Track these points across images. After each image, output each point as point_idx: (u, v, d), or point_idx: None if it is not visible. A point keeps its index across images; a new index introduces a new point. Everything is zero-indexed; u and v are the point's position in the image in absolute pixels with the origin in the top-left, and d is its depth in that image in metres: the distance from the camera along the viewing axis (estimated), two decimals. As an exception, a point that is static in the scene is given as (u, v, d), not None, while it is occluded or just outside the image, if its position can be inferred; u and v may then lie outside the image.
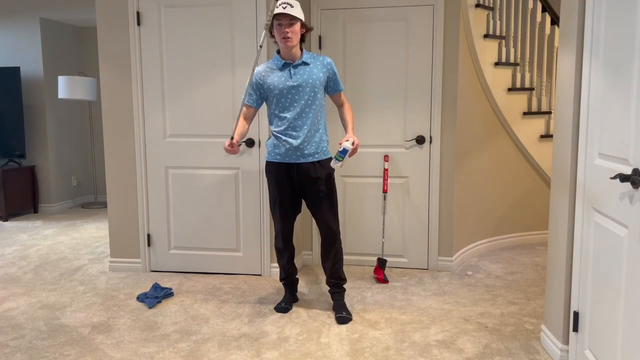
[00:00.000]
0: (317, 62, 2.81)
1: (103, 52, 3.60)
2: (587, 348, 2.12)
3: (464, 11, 3.64)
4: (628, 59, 1.75)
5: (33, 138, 5.89)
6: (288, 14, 2.65)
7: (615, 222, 1.85)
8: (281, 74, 2.77)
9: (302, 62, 2.78)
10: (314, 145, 2.81)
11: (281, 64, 2.78)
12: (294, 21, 2.69)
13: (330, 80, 2.86)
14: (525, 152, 4.33)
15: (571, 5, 2.24)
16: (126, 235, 3.72)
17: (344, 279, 2.97)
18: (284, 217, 2.90)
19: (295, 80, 2.76)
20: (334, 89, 2.89)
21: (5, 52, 5.81)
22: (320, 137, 2.84)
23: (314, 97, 2.78)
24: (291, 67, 2.77)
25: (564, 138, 2.34)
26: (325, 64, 2.83)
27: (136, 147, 3.63)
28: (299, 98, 2.76)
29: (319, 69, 2.80)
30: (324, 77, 2.81)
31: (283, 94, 2.77)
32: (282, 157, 2.82)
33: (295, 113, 2.77)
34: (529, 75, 4.36)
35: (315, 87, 2.78)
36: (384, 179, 3.66)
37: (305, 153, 2.80)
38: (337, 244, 2.89)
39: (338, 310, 2.89)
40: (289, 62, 2.78)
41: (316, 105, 2.79)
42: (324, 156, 2.85)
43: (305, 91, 2.76)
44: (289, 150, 2.79)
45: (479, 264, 3.90)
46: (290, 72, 2.77)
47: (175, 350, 2.52)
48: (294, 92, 2.76)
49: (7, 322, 2.86)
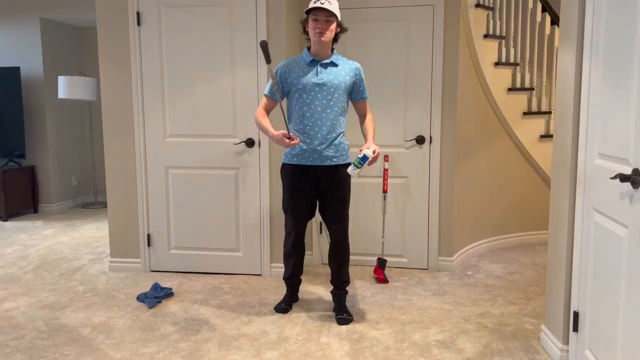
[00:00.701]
0: (346, 65, 2.76)
1: (103, 52, 3.60)
2: (587, 348, 2.12)
3: (464, 11, 3.64)
4: (628, 59, 1.75)
5: (33, 138, 5.89)
6: (326, 9, 2.57)
7: (615, 222, 1.85)
8: (307, 70, 2.72)
9: (331, 62, 2.73)
10: (332, 148, 2.75)
11: (309, 59, 2.73)
12: (331, 18, 2.62)
13: (356, 86, 2.79)
14: (525, 152, 4.33)
15: (571, 6, 2.24)
16: (126, 235, 3.72)
17: (347, 281, 2.96)
18: (298, 220, 2.85)
19: (321, 78, 2.70)
20: (359, 95, 2.83)
21: (5, 52, 5.80)
22: (340, 140, 2.78)
23: (336, 99, 2.72)
24: (319, 65, 2.72)
25: (564, 138, 2.34)
26: (354, 68, 2.77)
27: (136, 147, 3.63)
28: (322, 97, 2.71)
29: (346, 72, 2.74)
30: (350, 81, 2.76)
31: (306, 90, 2.71)
32: (299, 159, 2.76)
33: (315, 112, 2.71)
34: (529, 75, 4.36)
35: (340, 89, 2.72)
36: (384, 179, 3.66)
37: (323, 155, 2.74)
38: (345, 247, 2.88)
39: (339, 311, 2.89)
40: (318, 59, 2.72)
41: (338, 107, 2.73)
42: (342, 160, 2.79)
43: (329, 91, 2.71)
44: (306, 151, 2.74)
45: (479, 264, 3.90)
46: (317, 70, 2.71)
47: (175, 350, 2.52)
48: (317, 90, 2.70)
49: (7, 322, 2.86)
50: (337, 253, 2.88)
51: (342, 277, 2.93)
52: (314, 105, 2.71)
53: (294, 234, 2.89)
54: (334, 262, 2.90)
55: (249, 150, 3.52)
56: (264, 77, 3.44)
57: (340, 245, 2.87)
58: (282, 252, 3.34)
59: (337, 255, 2.89)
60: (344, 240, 2.86)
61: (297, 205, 2.82)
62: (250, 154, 3.52)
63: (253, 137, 3.50)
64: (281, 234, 3.54)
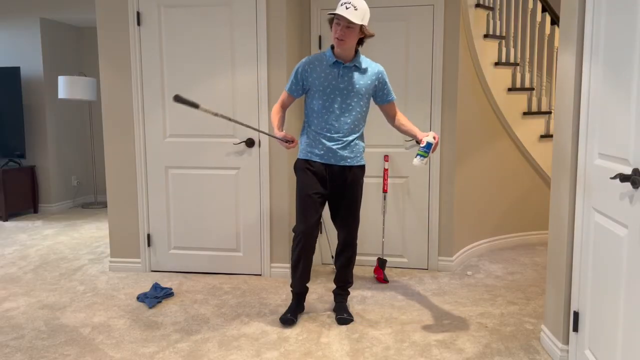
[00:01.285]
0: (369, 69, 2.72)
1: (103, 52, 3.60)
2: (587, 348, 2.12)
3: (464, 11, 3.64)
4: (628, 58, 1.75)
5: (33, 138, 5.89)
6: (347, 18, 2.51)
7: (615, 222, 1.85)
8: (329, 71, 2.67)
9: (354, 65, 2.69)
10: (348, 149, 2.73)
11: (332, 60, 2.67)
12: (353, 25, 2.55)
13: (379, 90, 2.75)
14: (525, 152, 4.33)
15: (571, 5, 2.24)
16: (126, 235, 3.72)
17: (350, 282, 2.96)
18: (308, 218, 2.72)
19: (342, 81, 2.67)
20: (383, 99, 2.78)
21: (5, 52, 5.81)
22: (358, 143, 2.76)
23: (357, 103, 2.69)
24: (342, 68, 2.67)
25: (564, 138, 2.34)
26: (376, 72, 2.72)
27: (136, 147, 3.63)
28: (342, 100, 2.67)
29: (368, 76, 2.71)
30: (371, 85, 2.71)
31: (327, 92, 2.67)
32: (313, 155, 2.74)
33: (335, 114, 2.68)
34: (529, 75, 4.36)
35: (361, 93, 2.69)
36: (384, 179, 3.66)
37: (338, 155, 2.72)
38: (352, 248, 2.87)
39: (339, 311, 2.88)
40: (341, 61, 2.67)
41: (357, 111, 2.70)
42: (356, 162, 2.76)
43: (350, 95, 2.67)
44: (322, 150, 2.71)
45: (479, 264, 3.90)
46: (339, 72, 2.67)
47: (175, 350, 2.52)
48: (337, 93, 2.67)
49: (7, 322, 2.86)
50: (344, 254, 2.88)
51: (346, 277, 2.93)
52: (332, 108, 2.68)
53: (303, 235, 2.73)
54: (340, 263, 2.90)
55: (249, 150, 3.52)
56: (264, 77, 3.44)
57: (348, 247, 2.86)
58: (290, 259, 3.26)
59: (344, 257, 2.89)
60: (352, 242, 2.86)
61: (309, 203, 2.72)
62: (250, 154, 3.52)
63: (253, 137, 3.50)
64: (281, 234, 3.55)
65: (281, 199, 3.52)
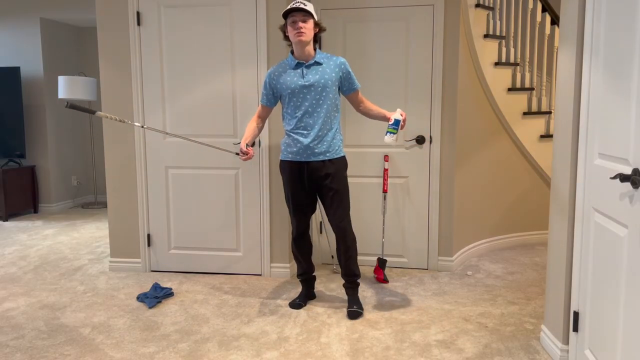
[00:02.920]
0: (331, 62, 2.84)
1: (103, 52, 3.60)
2: (587, 348, 2.12)
3: (464, 11, 3.64)
4: (628, 59, 1.75)
5: (33, 138, 5.89)
6: (302, 9, 2.69)
7: (615, 222, 1.85)
8: (294, 74, 2.81)
9: (315, 62, 2.81)
10: (325, 144, 2.83)
11: (294, 63, 2.82)
12: (307, 17, 2.72)
13: (344, 80, 2.87)
14: (525, 152, 4.33)
15: (571, 5, 2.24)
16: (126, 235, 3.72)
17: (357, 274, 3.00)
18: (297, 214, 2.95)
19: (307, 79, 2.79)
20: (349, 88, 2.90)
21: (5, 52, 5.81)
22: (332, 136, 2.86)
23: (325, 97, 2.80)
24: (304, 67, 2.81)
25: (564, 138, 2.34)
26: (339, 63, 2.84)
27: (136, 147, 3.63)
28: (311, 97, 2.79)
29: (331, 69, 2.82)
30: (336, 76, 2.83)
31: (295, 93, 2.80)
32: (293, 155, 2.86)
33: (306, 112, 2.80)
34: (529, 75, 4.36)
35: (327, 86, 2.80)
36: (384, 179, 3.66)
37: (315, 152, 2.83)
38: (348, 240, 2.92)
39: (350, 304, 2.96)
40: (302, 61, 2.81)
41: (328, 104, 2.81)
42: (335, 155, 2.87)
43: (317, 90, 2.79)
44: (300, 148, 2.83)
45: (479, 264, 3.90)
46: (303, 72, 2.80)
47: (175, 350, 2.52)
48: (305, 92, 2.79)
49: (7, 322, 2.86)
50: (341, 246, 2.93)
51: (352, 270, 2.97)
52: (304, 107, 2.81)
53: (296, 231, 2.98)
54: (341, 257, 2.97)
55: (249, 150, 3.52)
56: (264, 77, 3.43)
57: (343, 237, 2.90)
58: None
59: (342, 249, 2.93)
60: (345, 232, 2.90)
61: (296, 200, 2.92)
62: (250, 154, 3.52)
63: (253, 137, 3.50)
64: (281, 234, 3.55)
65: (281, 199, 3.52)
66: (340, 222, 2.89)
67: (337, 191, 2.87)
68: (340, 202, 2.88)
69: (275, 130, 3.47)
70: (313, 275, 3.13)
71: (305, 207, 2.94)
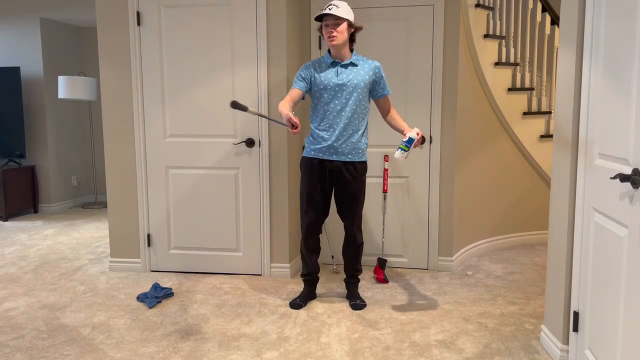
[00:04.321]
0: (366, 64, 2.88)
1: (103, 52, 3.60)
2: (587, 348, 2.12)
3: (464, 11, 3.64)
4: (628, 59, 1.75)
5: (33, 138, 5.89)
6: (332, 14, 2.72)
7: (615, 222, 1.85)
8: (329, 71, 2.86)
9: (351, 63, 2.86)
10: (349, 145, 2.86)
11: (330, 61, 2.87)
12: (340, 21, 2.75)
13: (376, 84, 2.90)
14: (525, 152, 4.33)
15: (571, 5, 2.24)
16: (126, 235, 3.72)
17: (359, 270, 3.11)
18: (310, 213, 2.96)
19: (341, 79, 2.83)
20: (380, 93, 2.93)
21: (5, 52, 5.81)
22: (358, 139, 2.88)
23: (355, 98, 2.83)
24: (340, 66, 2.85)
25: (564, 138, 2.34)
26: (374, 67, 2.88)
27: (136, 147, 3.63)
28: (341, 96, 2.83)
29: (365, 72, 2.86)
30: (369, 79, 2.87)
31: (327, 90, 2.84)
32: (316, 152, 2.89)
33: (334, 111, 2.84)
34: (529, 75, 4.36)
35: (359, 88, 2.84)
36: (384, 179, 3.66)
37: (339, 151, 2.86)
38: (357, 241, 3.02)
39: (352, 298, 3.06)
40: (338, 61, 2.86)
41: (357, 106, 2.84)
42: (357, 158, 2.90)
43: (349, 91, 2.83)
44: (324, 146, 2.86)
45: (479, 264, 3.90)
46: (338, 71, 2.84)
47: (175, 350, 2.52)
48: (337, 90, 2.83)
49: (7, 322, 2.86)
50: (350, 246, 3.03)
51: (355, 267, 3.09)
52: (333, 105, 2.84)
53: (307, 230, 3.00)
54: (347, 255, 3.06)
55: (249, 150, 3.52)
56: (264, 77, 3.44)
57: (353, 239, 3.01)
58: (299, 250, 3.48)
59: (351, 249, 3.04)
60: (355, 234, 3.00)
61: (311, 198, 2.93)
62: (250, 154, 3.52)
63: (253, 137, 3.50)
64: (281, 234, 3.55)
65: (281, 199, 3.52)
66: (352, 225, 2.98)
67: (354, 195, 2.91)
68: (356, 206, 2.94)
69: (275, 130, 3.47)
70: (317, 276, 3.15)
71: (318, 206, 2.96)
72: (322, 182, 2.91)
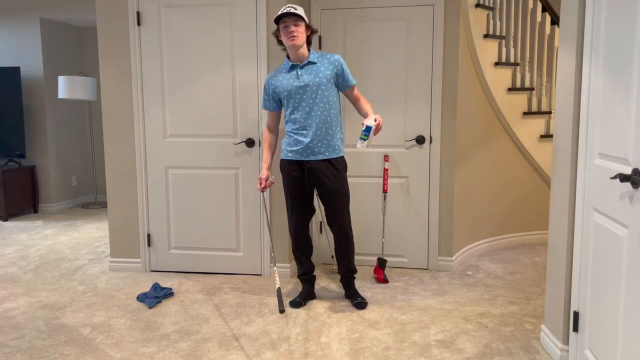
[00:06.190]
0: (325, 60, 2.88)
1: (103, 52, 3.60)
2: (587, 348, 2.12)
3: (464, 11, 3.64)
4: (628, 58, 1.75)
5: (33, 138, 5.89)
6: (293, 14, 2.74)
7: (615, 222, 1.85)
8: (289, 76, 2.87)
9: (309, 62, 2.85)
10: (324, 143, 2.87)
11: (289, 66, 2.88)
12: (299, 21, 2.77)
13: (339, 77, 2.90)
14: (525, 152, 4.33)
15: (571, 5, 2.24)
16: (126, 235, 3.72)
17: (354, 270, 3.11)
18: (296, 214, 2.99)
19: (302, 80, 2.83)
20: (344, 84, 2.93)
21: (5, 52, 5.81)
22: (332, 135, 2.89)
23: (322, 95, 2.84)
24: (298, 68, 2.85)
25: (564, 138, 2.34)
26: (333, 60, 2.88)
27: (136, 147, 3.63)
28: (307, 97, 2.84)
29: (325, 67, 2.86)
30: (331, 74, 2.86)
31: (291, 94, 2.85)
32: (293, 154, 2.91)
33: (304, 112, 2.85)
34: (529, 75, 4.36)
35: (322, 84, 2.84)
36: (384, 179, 3.66)
37: (315, 151, 2.87)
38: (347, 239, 3.01)
39: (353, 297, 3.07)
40: (297, 63, 2.86)
41: (324, 102, 2.85)
42: (335, 154, 2.91)
43: (313, 90, 2.83)
44: (300, 148, 2.87)
45: (479, 264, 3.90)
46: (298, 73, 2.84)
47: (175, 350, 2.52)
48: (301, 92, 2.84)
49: (7, 322, 2.86)
50: (340, 244, 3.01)
51: (350, 268, 3.09)
52: (301, 107, 2.85)
53: (295, 230, 3.02)
54: (339, 254, 3.05)
55: (249, 150, 3.52)
56: (264, 77, 3.44)
57: (341, 237, 2.99)
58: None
59: (342, 247, 3.02)
60: (343, 231, 2.98)
61: (295, 199, 2.96)
62: (250, 154, 3.52)
63: (253, 137, 3.50)
64: (281, 234, 3.55)
65: (281, 199, 3.52)
66: (340, 222, 2.96)
67: (336, 191, 2.91)
68: (339, 202, 2.93)
69: (275, 130, 3.47)
70: (314, 275, 3.16)
71: (303, 206, 2.98)
72: (302, 184, 2.93)
